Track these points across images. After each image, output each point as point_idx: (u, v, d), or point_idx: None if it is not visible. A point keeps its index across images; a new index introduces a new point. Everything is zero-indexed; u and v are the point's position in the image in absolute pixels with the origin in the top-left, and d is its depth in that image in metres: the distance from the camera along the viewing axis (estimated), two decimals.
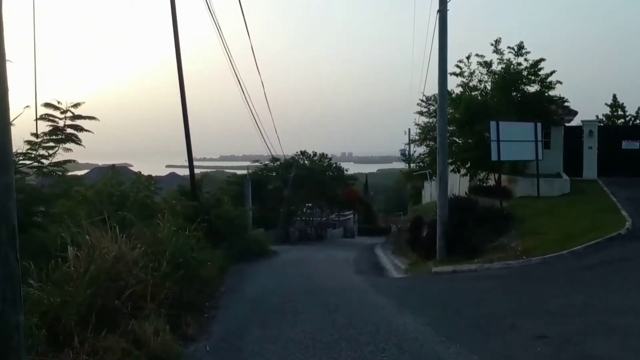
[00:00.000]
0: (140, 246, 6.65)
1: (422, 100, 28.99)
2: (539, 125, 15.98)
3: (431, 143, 30.02)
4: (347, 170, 50.44)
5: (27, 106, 7.67)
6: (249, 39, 17.36)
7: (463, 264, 13.03)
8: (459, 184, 23.40)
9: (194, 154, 17.49)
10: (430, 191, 32.76)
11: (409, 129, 44.85)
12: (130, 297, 5.62)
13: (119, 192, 12.45)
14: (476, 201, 15.54)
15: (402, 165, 73.83)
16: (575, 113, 20.74)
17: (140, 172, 13.71)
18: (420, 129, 30.05)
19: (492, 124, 14.93)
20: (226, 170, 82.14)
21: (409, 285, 11.89)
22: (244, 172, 45.91)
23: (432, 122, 30.01)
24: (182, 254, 7.29)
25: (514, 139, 15.22)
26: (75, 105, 8.64)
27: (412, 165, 42.60)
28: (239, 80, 18.16)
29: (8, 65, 3.31)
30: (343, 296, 9.60)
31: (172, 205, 13.01)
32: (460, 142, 19.30)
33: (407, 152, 44.59)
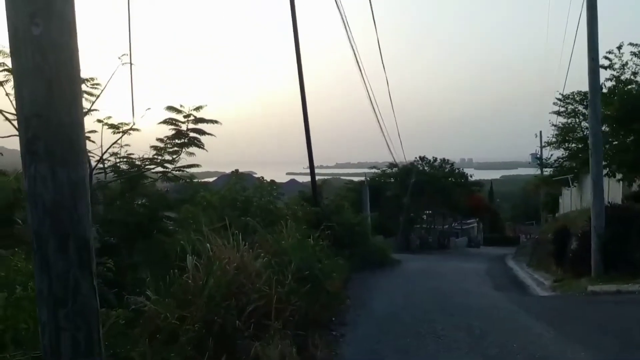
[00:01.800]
0: (263, 255, 5.99)
1: (559, 99, 26.21)
2: None
3: (571, 145, 27.07)
4: (471, 177, 47.63)
5: (149, 108, 7.45)
6: (377, 42, 16.70)
7: (629, 284, 10.95)
8: (608, 189, 20.42)
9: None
10: (570, 199, 29.38)
11: (540, 132, 41.33)
12: (252, 314, 4.93)
13: (242, 197, 12.24)
14: (638, 210, 13.17)
15: (530, 170, 68.48)
16: None
17: (262, 177, 13.42)
18: (557, 130, 27.11)
19: None
20: (342, 177, 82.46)
21: (564, 306, 10.14)
22: (361, 178, 45.25)
23: (571, 123, 27.08)
24: (308, 266, 6.54)
25: None
26: (198, 109, 8.33)
27: (545, 170, 38.91)
28: (365, 84, 17.68)
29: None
30: (488, 318, 8.27)
31: (294, 211, 12.51)
32: (615, 142, 16.71)
33: (539, 156, 40.84)
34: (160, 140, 8.96)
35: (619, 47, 16.85)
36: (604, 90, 16.72)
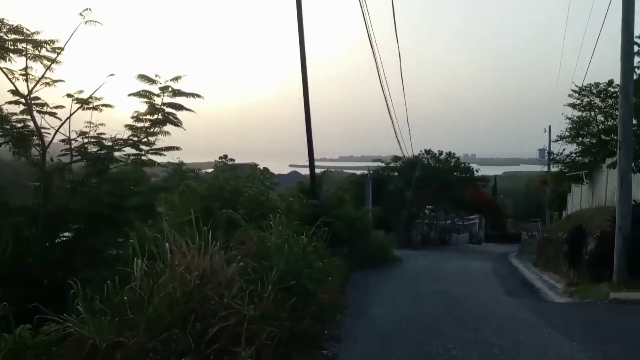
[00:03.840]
0: (240, 258, 4.80)
1: (575, 91, 24.90)
2: None
3: (585, 140, 25.83)
4: (477, 171, 46.36)
5: (112, 74, 6.27)
6: (396, 36, 15.49)
7: None
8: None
9: (314, 154, 15.80)
10: (580, 196, 28.11)
11: (550, 127, 39.97)
12: (216, 338, 3.75)
13: (231, 187, 11.08)
14: None
15: (534, 167, 67.11)
16: None
17: (256, 165, 12.20)
18: (572, 123, 25.82)
19: None
20: (345, 170, 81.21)
21: (589, 317, 8.92)
22: (364, 172, 43.99)
23: (586, 116, 25.83)
24: (296, 272, 5.31)
25: None
26: (175, 79, 7.13)
27: (553, 167, 37.59)
28: (379, 74, 16.65)
29: None
30: (506, 333, 7.09)
31: (290, 204, 11.30)
32: None
33: (547, 151, 39.47)
34: (137, 118, 7.80)
35: None
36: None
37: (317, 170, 19.82)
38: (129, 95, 7.08)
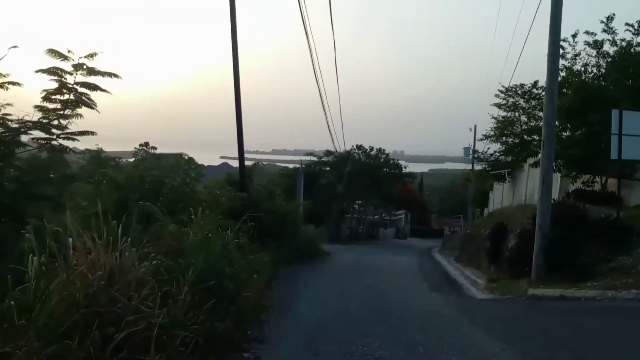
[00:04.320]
0: (154, 256, 4.38)
1: (502, 92, 25.99)
2: None
3: (509, 139, 27.04)
4: (405, 168, 47.45)
5: (15, 46, 5.59)
6: (331, 23, 15.28)
7: (572, 289, 10.23)
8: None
9: (246, 147, 15.36)
10: (502, 194, 29.44)
11: (475, 126, 41.60)
12: (122, 345, 3.35)
13: (153, 177, 10.42)
14: (585, 209, 12.54)
15: (459, 165, 69.75)
16: None
17: (181, 155, 11.59)
18: (497, 123, 26.91)
19: (614, 113, 11.82)
20: (278, 164, 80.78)
21: (509, 314, 9.18)
22: (297, 165, 43.78)
23: (511, 116, 27.03)
24: (216, 271, 4.94)
25: (638, 134, 12.09)
26: (90, 56, 6.50)
27: (478, 165, 39.19)
28: (313, 66, 16.41)
29: None
30: (431, 330, 7.09)
31: (216, 196, 10.83)
32: (564, 136, 16.14)
33: (472, 150, 41.06)
34: (47, 98, 7.07)
35: (574, 36, 16.26)
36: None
37: (249, 163, 19.42)
38: (37, 71, 6.38)
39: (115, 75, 6.64)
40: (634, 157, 12.98)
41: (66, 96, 6.52)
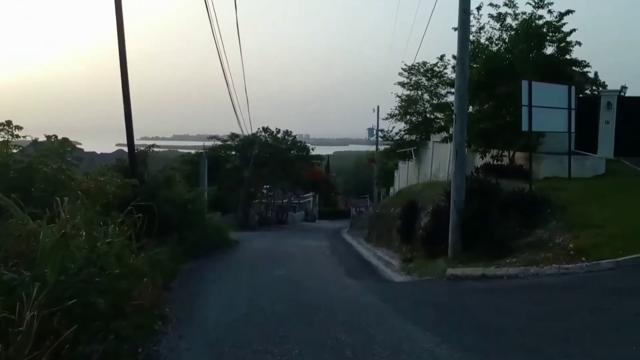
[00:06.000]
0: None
1: (405, 70, 25.93)
2: (572, 89, 12.84)
3: (413, 118, 27.17)
4: (312, 149, 46.92)
5: None
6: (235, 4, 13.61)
7: (492, 266, 9.92)
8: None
9: (146, 133, 13.70)
10: (407, 173, 29.73)
11: (378, 107, 41.89)
12: None
13: (22, 164, 8.70)
14: (498, 183, 12.39)
15: (363, 147, 70.87)
16: (594, 81, 17.85)
17: (55, 136, 9.73)
18: (402, 101, 26.90)
19: (524, 84, 11.66)
20: (180, 150, 76.96)
21: (433, 298, 8.58)
22: (200, 150, 41.49)
23: (414, 95, 27.15)
24: (78, 288, 3.60)
25: (546, 105, 12.08)
26: None
27: (382, 145, 39.51)
28: (219, 54, 14.75)
29: None
30: (356, 326, 6.25)
31: (100, 184, 9.21)
32: (473, 109, 15.98)
33: (375, 130, 41.34)
34: None
35: (479, 8, 16.02)
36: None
37: (149, 148, 17.52)
38: None
39: None
40: (544, 128, 13.07)
41: None
